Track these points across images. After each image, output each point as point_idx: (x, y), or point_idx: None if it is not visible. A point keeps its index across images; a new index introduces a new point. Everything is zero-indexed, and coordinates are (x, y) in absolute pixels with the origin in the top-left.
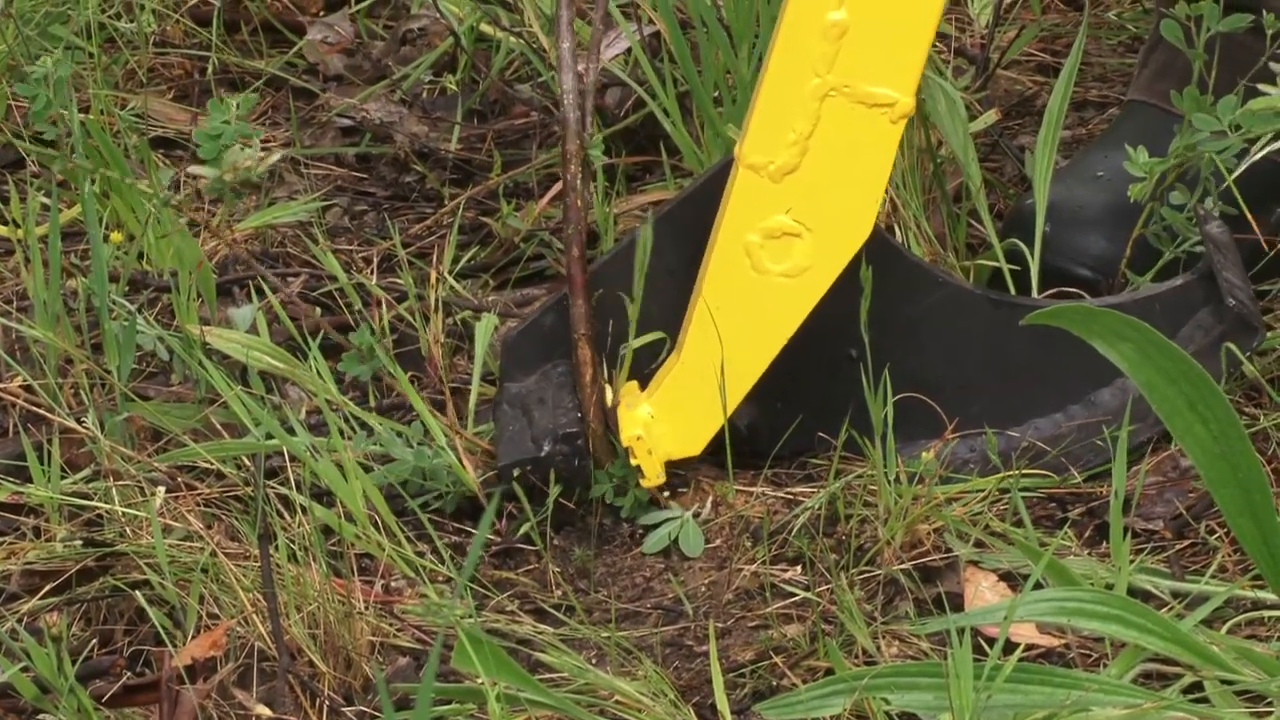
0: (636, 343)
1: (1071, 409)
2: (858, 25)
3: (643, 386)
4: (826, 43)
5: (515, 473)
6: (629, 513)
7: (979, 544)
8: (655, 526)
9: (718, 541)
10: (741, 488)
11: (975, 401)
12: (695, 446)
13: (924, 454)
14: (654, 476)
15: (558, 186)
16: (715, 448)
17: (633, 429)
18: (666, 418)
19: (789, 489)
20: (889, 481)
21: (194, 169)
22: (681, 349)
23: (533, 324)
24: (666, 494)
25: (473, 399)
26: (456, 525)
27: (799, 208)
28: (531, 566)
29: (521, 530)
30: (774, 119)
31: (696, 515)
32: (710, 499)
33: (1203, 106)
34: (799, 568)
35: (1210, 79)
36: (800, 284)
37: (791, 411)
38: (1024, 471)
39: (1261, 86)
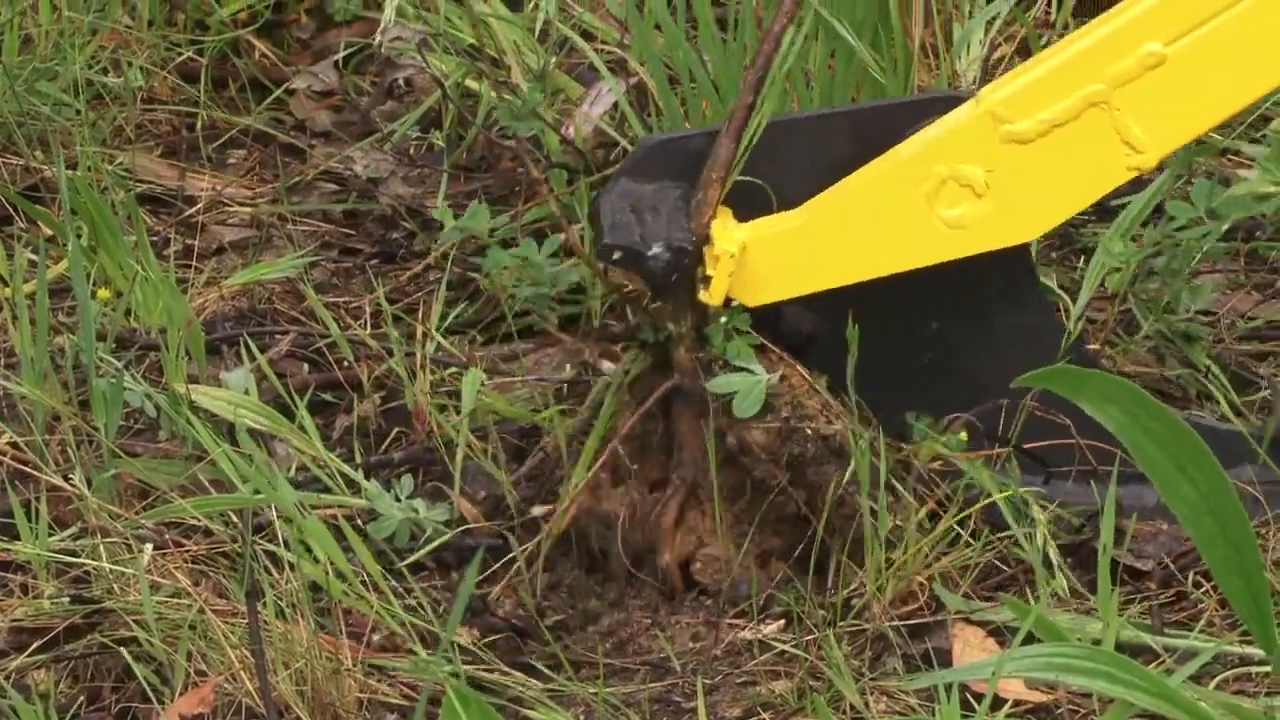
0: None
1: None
2: (1171, 69)
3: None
4: (1134, 64)
5: (616, 255)
6: (721, 348)
7: (967, 596)
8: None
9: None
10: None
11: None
12: (755, 299)
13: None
14: (717, 296)
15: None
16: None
17: (729, 245)
18: (754, 257)
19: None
20: (878, 540)
21: None
22: (809, 211)
23: (680, 138)
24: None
25: (460, 454)
26: (443, 582)
27: (1000, 175)
28: (519, 622)
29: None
30: (1043, 91)
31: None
32: (780, 373)
33: None
34: (786, 623)
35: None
36: (945, 236)
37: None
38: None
39: (1240, 172)
